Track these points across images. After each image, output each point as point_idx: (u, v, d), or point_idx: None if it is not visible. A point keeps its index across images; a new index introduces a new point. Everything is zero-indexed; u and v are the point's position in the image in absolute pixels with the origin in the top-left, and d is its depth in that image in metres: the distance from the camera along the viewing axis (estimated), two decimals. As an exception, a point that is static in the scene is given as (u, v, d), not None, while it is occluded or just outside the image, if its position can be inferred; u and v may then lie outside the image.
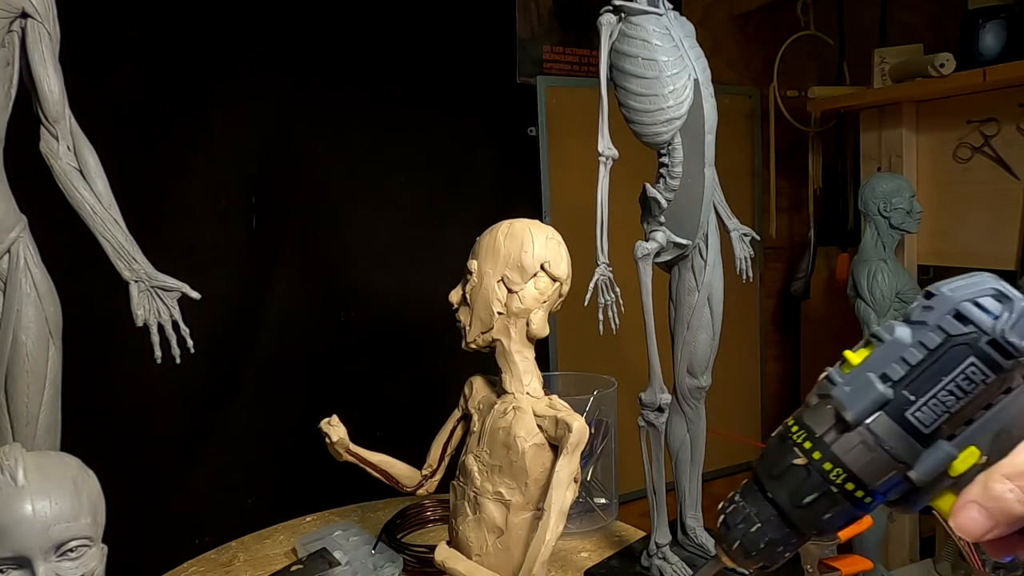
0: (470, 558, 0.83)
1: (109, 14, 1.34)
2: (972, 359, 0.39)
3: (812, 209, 2.15)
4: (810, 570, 1.00)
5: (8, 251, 0.78)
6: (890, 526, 1.72)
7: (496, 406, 0.84)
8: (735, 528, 0.45)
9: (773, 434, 0.46)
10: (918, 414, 0.40)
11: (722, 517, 0.46)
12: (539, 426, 0.80)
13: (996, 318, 0.39)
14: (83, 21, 1.00)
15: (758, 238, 1.10)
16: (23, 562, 0.62)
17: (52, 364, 0.80)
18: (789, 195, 2.21)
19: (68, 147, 0.80)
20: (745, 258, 1.09)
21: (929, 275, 1.87)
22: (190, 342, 0.86)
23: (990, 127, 1.62)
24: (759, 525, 0.44)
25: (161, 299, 0.85)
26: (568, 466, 0.76)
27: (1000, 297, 0.39)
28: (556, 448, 0.79)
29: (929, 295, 0.41)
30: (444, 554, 0.85)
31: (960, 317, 0.39)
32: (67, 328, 0.82)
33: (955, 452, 0.40)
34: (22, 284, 0.78)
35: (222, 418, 1.51)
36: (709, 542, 1.07)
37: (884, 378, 0.41)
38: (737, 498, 0.46)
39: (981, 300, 0.39)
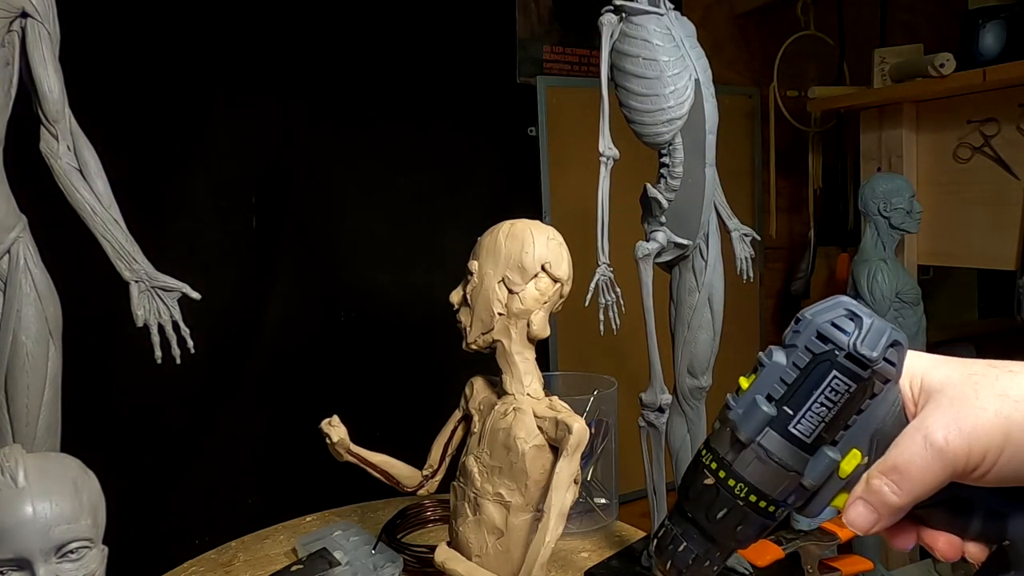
0: (470, 559, 0.83)
1: (109, 14, 1.33)
2: (835, 373, 0.44)
3: (812, 209, 2.15)
4: (810, 570, 1.00)
5: (8, 251, 0.77)
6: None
7: (496, 407, 0.84)
8: (666, 549, 0.50)
9: (691, 461, 0.50)
10: (799, 426, 0.44)
11: (655, 541, 0.51)
12: (539, 427, 0.80)
13: (849, 335, 0.43)
14: (83, 21, 1.00)
15: (758, 238, 1.10)
16: (23, 564, 0.61)
17: (52, 364, 0.80)
18: (789, 195, 2.21)
19: (68, 147, 0.80)
20: (746, 258, 1.09)
21: (929, 275, 1.87)
22: (190, 342, 0.86)
23: (990, 127, 1.62)
24: (685, 544, 0.49)
25: (161, 299, 0.85)
26: (568, 468, 0.76)
27: (852, 316, 0.44)
28: (556, 449, 0.79)
29: (797, 320, 0.46)
30: (444, 555, 0.85)
31: (821, 337, 0.44)
32: (67, 328, 0.82)
33: (838, 456, 0.45)
34: (22, 284, 0.78)
35: (222, 418, 1.50)
36: (710, 542, 1.06)
37: (769, 398, 0.45)
38: (667, 522, 0.50)
39: (837, 321, 0.44)
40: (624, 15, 0.95)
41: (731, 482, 0.46)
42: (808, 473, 0.45)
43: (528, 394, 0.83)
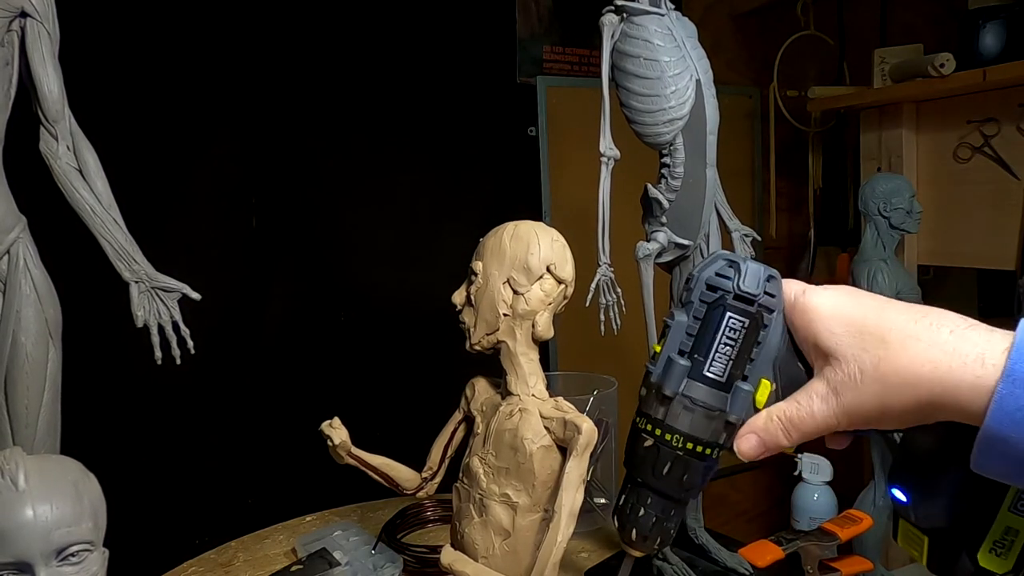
0: (476, 560, 0.83)
1: (109, 14, 1.33)
2: (729, 314, 0.50)
3: (812, 209, 2.15)
4: (810, 570, 1.00)
5: (8, 252, 0.77)
6: (890, 527, 1.72)
7: (501, 408, 0.84)
8: (627, 520, 0.54)
9: (628, 433, 0.54)
10: (712, 369, 0.50)
11: (615, 516, 0.55)
12: (546, 428, 0.80)
13: (732, 279, 0.50)
14: (83, 21, 1.00)
15: (759, 239, 1.10)
16: (24, 567, 0.61)
17: (52, 365, 0.79)
18: (789, 195, 2.21)
19: (68, 147, 0.80)
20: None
21: (929, 275, 1.87)
22: (190, 343, 0.85)
23: (990, 127, 1.62)
24: (642, 509, 0.53)
25: (161, 300, 0.84)
26: (578, 468, 0.76)
27: (731, 263, 0.50)
28: (563, 450, 0.79)
29: (688, 280, 0.52)
30: (451, 557, 0.85)
31: (711, 288, 0.50)
32: (67, 329, 0.82)
33: (751, 388, 0.51)
34: (22, 285, 0.78)
35: (222, 418, 1.50)
36: (710, 543, 1.07)
37: (681, 353, 0.51)
38: (622, 495, 0.54)
39: (720, 271, 0.50)
40: (625, 15, 0.95)
41: (667, 436, 0.51)
42: (731, 409, 0.50)
43: (533, 395, 0.83)
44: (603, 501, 1.27)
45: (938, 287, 1.99)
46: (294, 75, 1.54)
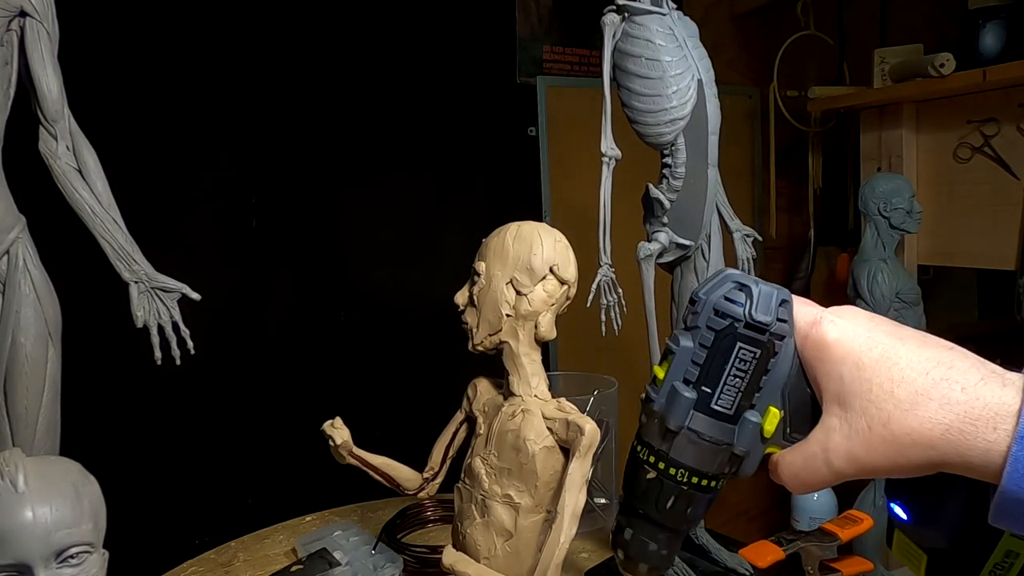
0: (478, 561, 0.83)
1: (109, 14, 1.33)
2: (739, 344, 0.46)
3: (812, 209, 2.15)
4: (811, 571, 1.00)
5: (7, 252, 0.77)
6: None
7: (504, 408, 0.84)
8: (627, 549, 0.52)
9: (627, 460, 0.52)
10: (720, 402, 0.47)
11: (614, 544, 0.53)
12: (549, 428, 0.80)
13: (743, 305, 0.46)
14: (83, 21, 0.99)
15: (760, 239, 1.10)
16: (24, 569, 0.61)
17: (51, 365, 0.79)
18: (789, 195, 2.21)
19: (67, 147, 0.80)
20: (747, 259, 1.08)
21: (929, 275, 1.87)
22: (190, 343, 0.85)
23: (990, 127, 1.62)
24: (643, 539, 0.51)
25: (161, 300, 0.84)
26: (581, 468, 0.76)
27: (741, 287, 0.47)
28: (566, 451, 0.79)
29: (693, 301, 0.48)
30: (453, 558, 0.85)
31: (719, 314, 0.46)
32: (67, 329, 0.81)
33: (759, 419, 0.48)
34: (21, 285, 0.77)
35: (222, 418, 1.50)
36: (710, 543, 1.06)
37: (686, 383, 0.48)
38: (622, 525, 0.52)
39: (729, 295, 0.47)
40: (627, 15, 0.95)
41: (672, 471, 0.48)
42: (738, 442, 0.48)
43: (536, 395, 0.83)
44: (604, 501, 1.27)
45: (938, 287, 1.99)
46: (294, 75, 1.54)
